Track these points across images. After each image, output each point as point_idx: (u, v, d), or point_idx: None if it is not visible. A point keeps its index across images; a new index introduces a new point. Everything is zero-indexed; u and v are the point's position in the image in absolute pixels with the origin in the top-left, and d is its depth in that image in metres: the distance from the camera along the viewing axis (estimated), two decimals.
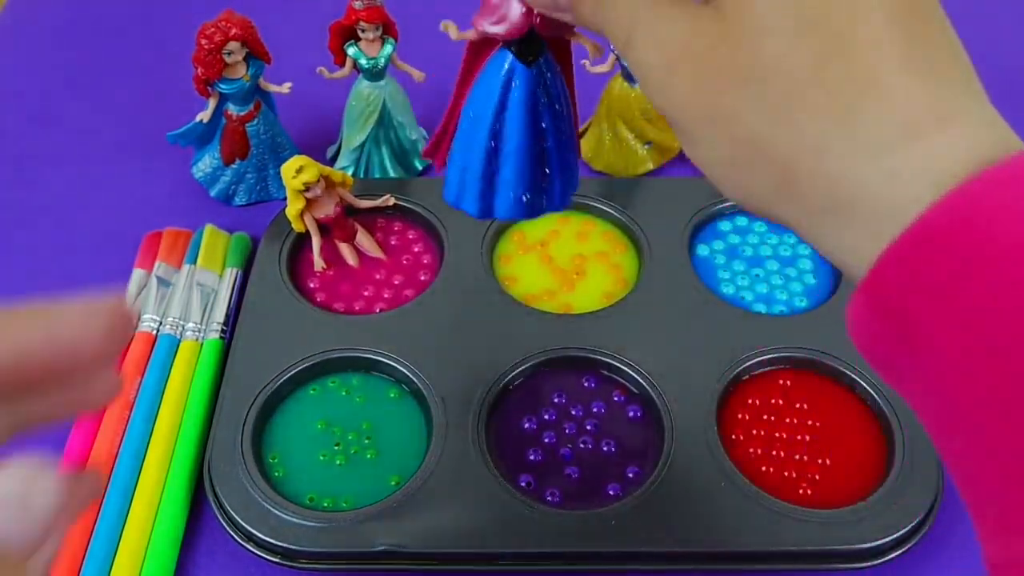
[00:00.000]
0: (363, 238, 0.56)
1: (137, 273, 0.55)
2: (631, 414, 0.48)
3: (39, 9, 0.79)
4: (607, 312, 0.52)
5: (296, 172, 0.51)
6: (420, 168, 0.63)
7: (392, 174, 0.62)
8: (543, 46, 0.32)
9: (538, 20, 0.31)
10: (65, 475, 0.19)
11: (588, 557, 0.43)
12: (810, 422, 0.47)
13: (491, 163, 0.33)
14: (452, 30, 0.33)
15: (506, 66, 0.32)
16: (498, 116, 0.33)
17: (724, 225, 0.58)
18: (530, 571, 0.43)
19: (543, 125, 0.33)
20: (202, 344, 0.51)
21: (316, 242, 0.54)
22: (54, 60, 0.73)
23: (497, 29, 0.31)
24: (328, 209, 0.54)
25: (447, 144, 0.36)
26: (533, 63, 0.32)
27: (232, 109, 0.58)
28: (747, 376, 0.49)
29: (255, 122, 0.59)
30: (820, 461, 0.46)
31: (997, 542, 0.21)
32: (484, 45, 0.33)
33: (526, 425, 0.47)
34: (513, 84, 0.32)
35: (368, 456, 0.46)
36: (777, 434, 0.47)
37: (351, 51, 0.58)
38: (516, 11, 0.31)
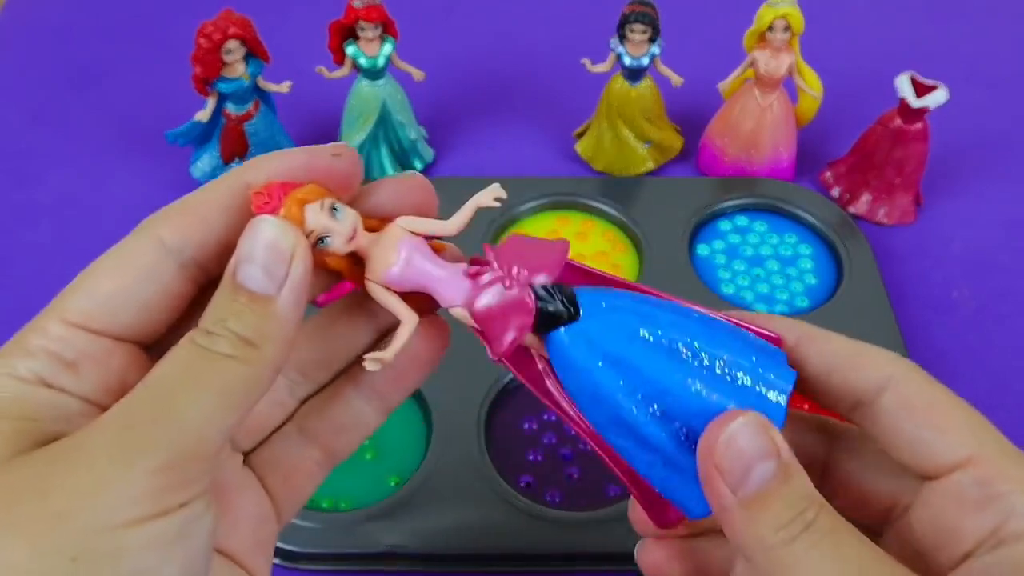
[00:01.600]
0: None
1: None
2: None
3: (39, 9, 0.79)
4: None
5: None
6: (420, 168, 0.63)
7: (391, 174, 0.62)
8: (565, 290, 0.24)
9: (535, 293, 0.24)
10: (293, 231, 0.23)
11: (588, 557, 0.42)
12: None
13: (675, 425, 0.24)
14: None
15: (569, 344, 0.24)
16: (618, 385, 0.24)
17: (724, 224, 0.58)
18: (530, 571, 0.43)
19: (663, 332, 0.24)
20: None
21: None
22: (54, 60, 0.73)
23: (511, 335, 0.24)
24: None
25: (641, 487, 0.26)
26: (575, 312, 0.24)
27: (231, 108, 0.58)
28: None
29: (254, 121, 0.58)
30: None
31: None
32: (525, 359, 0.26)
33: (526, 426, 0.47)
34: (593, 345, 0.24)
35: (368, 456, 0.46)
36: None
37: (350, 50, 0.58)
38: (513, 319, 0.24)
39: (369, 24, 0.57)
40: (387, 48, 0.58)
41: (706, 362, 0.24)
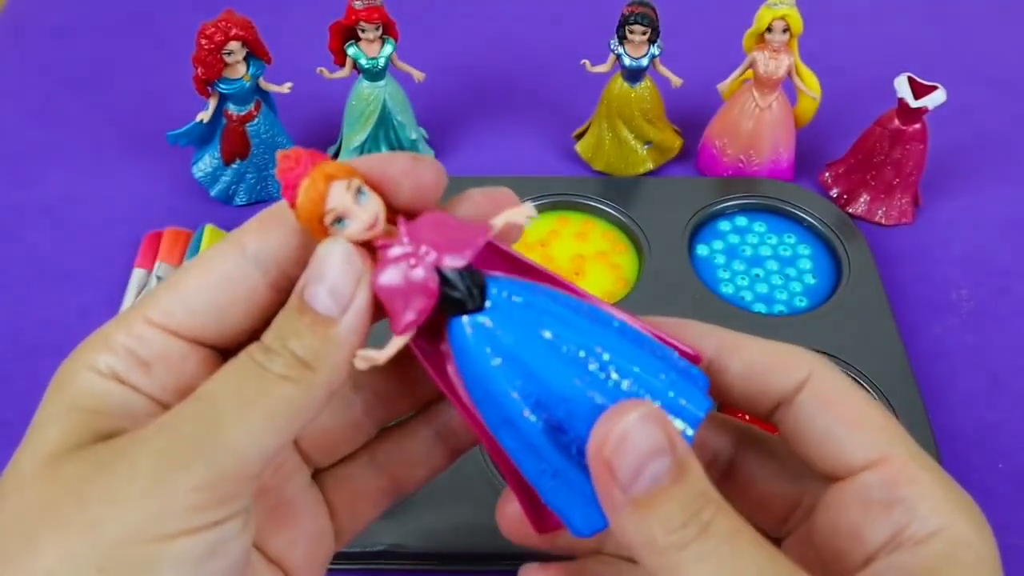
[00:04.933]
0: None
1: (137, 273, 0.55)
2: None
3: (39, 9, 0.79)
4: None
5: None
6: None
7: None
8: (475, 276, 0.23)
9: (441, 269, 0.22)
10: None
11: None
12: None
13: (567, 437, 0.22)
14: None
15: (469, 335, 0.22)
16: (514, 387, 0.22)
17: (724, 225, 0.58)
18: None
19: (572, 338, 0.22)
20: None
21: None
22: (54, 60, 0.73)
23: (411, 315, 0.22)
24: None
25: (525, 489, 0.24)
26: (481, 302, 0.23)
27: (232, 109, 0.58)
28: None
29: (255, 122, 0.59)
30: None
31: None
32: (426, 336, 0.24)
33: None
34: (493, 340, 0.22)
35: None
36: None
37: (351, 51, 0.58)
38: (419, 286, 0.22)
39: (370, 25, 0.57)
40: (388, 49, 0.58)
41: (614, 376, 0.22)
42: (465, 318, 0.22)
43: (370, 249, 0.23)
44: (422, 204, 0.23)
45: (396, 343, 0.23)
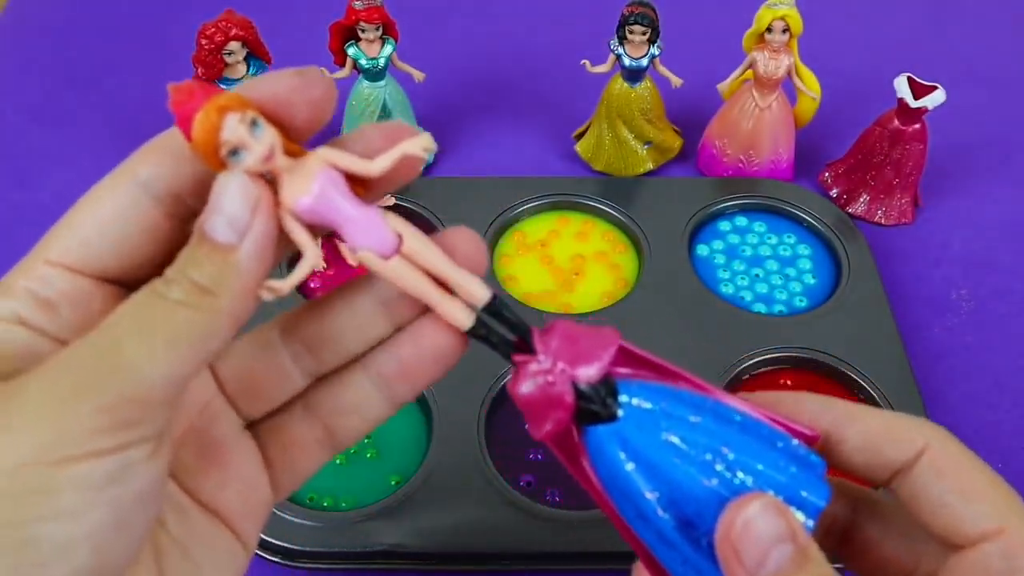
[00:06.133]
0: None
1: None
2: None
3: (39, 9, 0.79)
4: (606, 312, 0.52)
5: None
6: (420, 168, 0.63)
7: None
8: (608, 386, 0.25)
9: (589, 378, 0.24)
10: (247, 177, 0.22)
11: (588, 557, 0.43)
12: None
13: (698, 531, 0.24)
14: None
15: (605, 442, 0.24)
16: (647, 488, 0.24)
17: (724, 225, 0.58)
18: (530, 571, 0.43)
19: (699, 440, 0.24)
20: None
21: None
22: (54, 60, 0.73)
23: (549, 426, 0.25)
24: None
25: (658, 568, 0.26)
26: (614, 413, 0.24)
27: None
28: (747, 376, 0.49)
29: None
30: None
31: None
32: (565, 438, 0.26)
33: (526, 425, 0.47)
34: (626, 446, 0.24)
35: (368, 456, 0.46)
36: None
37: (351, 51, 0.58)
38: (558, 402, 0.24)
39: (370, 25, 0.57)
40: (388, 49, 0.58)
41: (739, 476, 0.24)
42: (600, 427, 0.24)
43: (269, 181, 0.23)
44: (317, 122, 0.23)
45: (299, 272, 0.23)
